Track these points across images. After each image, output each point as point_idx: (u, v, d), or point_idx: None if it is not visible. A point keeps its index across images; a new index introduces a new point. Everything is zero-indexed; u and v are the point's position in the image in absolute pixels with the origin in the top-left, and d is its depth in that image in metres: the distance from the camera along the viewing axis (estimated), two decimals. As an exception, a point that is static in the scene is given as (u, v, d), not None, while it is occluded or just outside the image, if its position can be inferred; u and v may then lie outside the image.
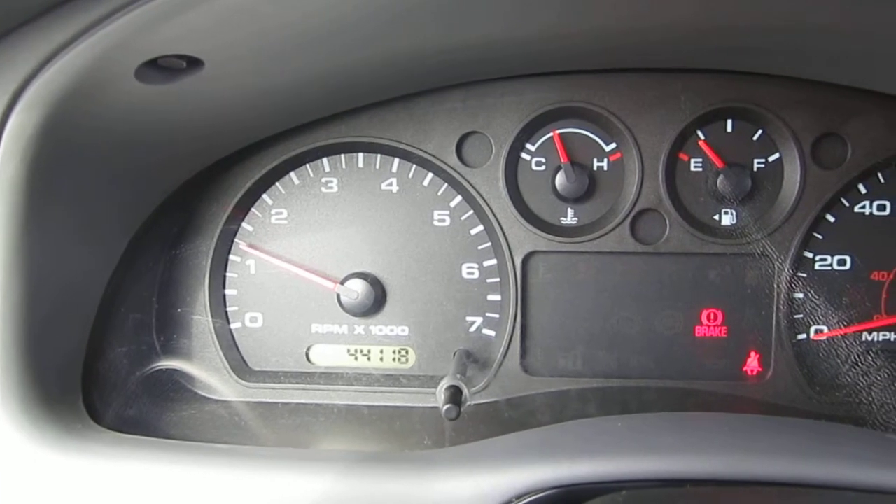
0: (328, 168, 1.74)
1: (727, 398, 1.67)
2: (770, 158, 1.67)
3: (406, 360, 1.75)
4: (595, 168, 1.70)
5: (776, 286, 1.68)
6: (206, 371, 1.73)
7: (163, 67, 1.18)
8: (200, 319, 1.74)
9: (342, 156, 1.73)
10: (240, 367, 1.75)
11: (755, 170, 1.67)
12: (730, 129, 1.68)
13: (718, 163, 1.66)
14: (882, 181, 1.67)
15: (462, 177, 1.68)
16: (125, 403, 1.58)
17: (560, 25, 1.38)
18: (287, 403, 1.69)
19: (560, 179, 1.68)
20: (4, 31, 1.09)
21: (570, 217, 1.71)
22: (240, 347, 1.77)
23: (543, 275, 1.71)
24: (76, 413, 1.38)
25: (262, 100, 1.47)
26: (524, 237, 1.69)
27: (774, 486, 1.07)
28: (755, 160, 1.68)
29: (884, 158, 1.64)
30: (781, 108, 1.64)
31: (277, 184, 1.75)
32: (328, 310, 1.74)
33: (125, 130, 1.30)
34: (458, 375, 1.49)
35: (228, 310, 1.77)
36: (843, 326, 1.68)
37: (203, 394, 1.73)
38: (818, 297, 1.67)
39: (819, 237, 1.68)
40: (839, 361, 1.66)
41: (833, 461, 1.09)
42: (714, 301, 1.70)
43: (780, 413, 1.63)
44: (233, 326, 1.77)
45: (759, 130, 1.67)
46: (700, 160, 1.68)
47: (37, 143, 1.16)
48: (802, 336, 1.70)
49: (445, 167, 1.68)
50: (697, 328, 1.71)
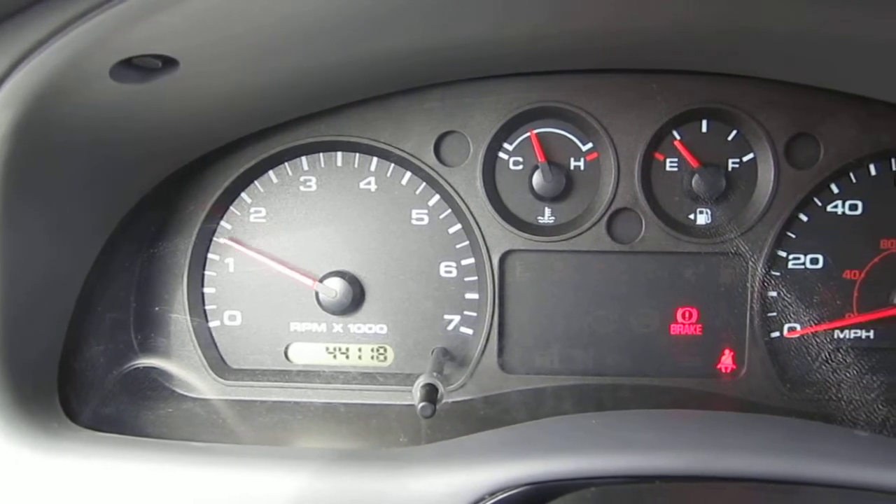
0: (307, 167, 1.74)
1: (702, 395, 1.69)
2: (744, 158, 1.70)
3: (384, 359, 1.76)
4: (572, 168, 1.71)
5: (750, 285, 1.70)
6: (185, 369, 1.73)
7: (138, 67, 1.18)
8: (179, 318, 1.74)
9: (321, 155, 1.74)
10: (218, 366, 1.75)
11: (730, 170, 1.69)
12: (705, 130, 1.70)
13: (693, 163, 1.68)
14: (854, 181, 1.70)
15: (440, 176, 1.69)
16: (102, 402, 1.58)
17: (538, 27, 1.39)
18: (265, 401, 1.69)
19: (537, 179, 1.69)
20: (-23, 31, 1.09)
21: (548, 216, 1.73)
22: (218, 345, 1.77)
23: (521, 273, 1.73)
24: (52, 412, 1.38)
25: (240, 99, 1.47)
26: (502, 236, 1.70)
27: (742, 482, 1.10)
28: (730, 160, 1.70)
29: (855, 159, 1.66)
30: (755, 109, 1.66)
31: (256, 182, 1.75)
32: (307, 308, 1.75)
33: (101, 129, 1.30)
34: (435, 373, 1.50)
35: (207, 308, 1.77)
36: (816, 324, 1.70)
37: (181, 392, 1.73)
38: (791, 296, 1.69)
39: (792, 236, 1.71)
40: (811, 359, 1.69)
41: (799, 457, 1.11)
42: (689, 299, 1.72)
43: (754, 410, 1.66)
44: (211, 325, 1.77)
45: (734, 131, 1.69)
46: (675, 160, 1.70)
47: (11, 142, 1.15)
48: (776, 334, 1.72)
49: (423, 166, 1.69)
50: (673, 326, 1.73)
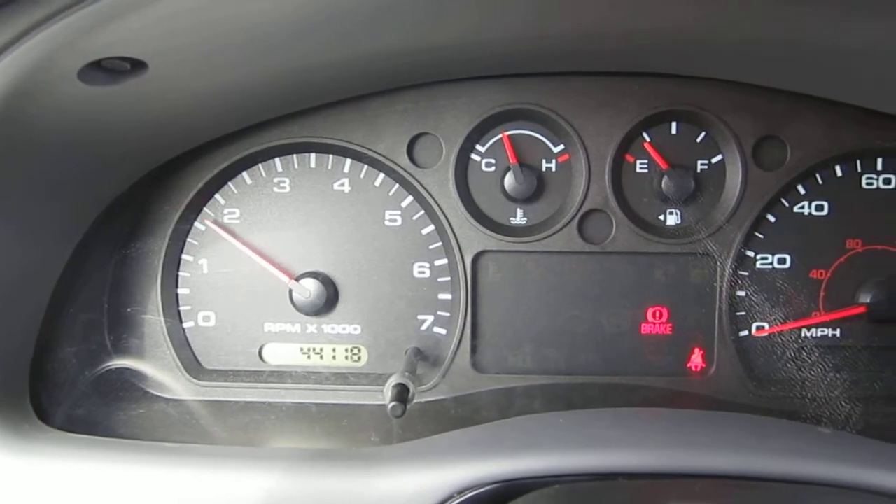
0: (280, 168, 1.75)
1: (670, 393, 1.71)
2: (713, 160, 1.72)
3: (358, 359, 1.77)
4: (544, 169, 1.73)
5: (719, 284, 1.72)
6: (159, 370, 1.73)
7: (107, 69, 1.19)
8: (152, 318, 1.74)
9: (294, 156, 1.75)
10: (192, 366, 1.75)
11: (699, 171, 1.72)
12: (674, 132, 1.72)
13: (663, 164, 1.70)
14: (820, 182, 1.72)
15: (413, 177, 1.71)
16: (75, 403, 1.59)
17: (510, 31, 1.41)
18: (238, 402, 1.70)
19: (509, 180, 1.71)
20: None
21: (520, 217, 1.75)
22: (192, 346, 1.78)
23: (493, 274, 1.74)
24: (23, 414, 1.39)
25: (211, 101, 1.48)
26: (474, 237, 1.72)
27: (706, 479, 1.12)
28: (699, 162, 1.72)
29: (821, 160, 1.69)
30: (724, 112, 1.68)
31: (230, 183, 1.75)
32: (281, 309, 1.75)
33: (70, 130, 1.30)
34: (407, 373, 1.51)
35: (181, 309, 1.77)
36: (783, 323, 1.73)
37: (155, 393, 1.73)
38: (759, 295, 1.72)
39: (760, 237, 1.73)
40: (777, 357, 1.72)
41: (760, 454, 1.13)
42: (659, 299, 1.75)
43: (722, 408, 1.68)
44: (185, 325, 1.77)
45: (703, 133, 1.72)
46: (645, 162, 1.72)
47: (-22, 145, 1.16)
48: (744, 333, 1.75)
49: (397, 168, 1.71)
50: (643, 326, 1.75)
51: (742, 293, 1.73)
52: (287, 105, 1.67)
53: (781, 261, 1.74)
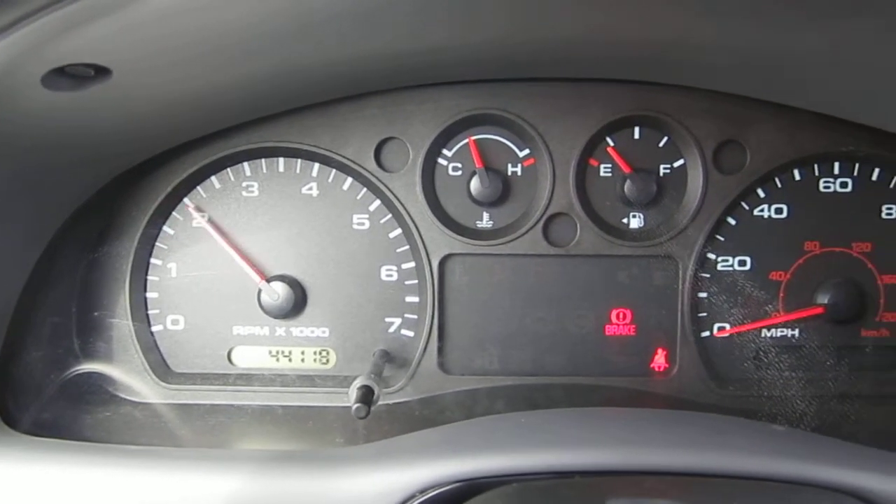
0: (249, 172, 1.76)
1: (634, 393, 1.74)
2: (675, 164, 1.75)
3: (327, 361, 1.79)
4: (509, 173, 1.76)
5: (681, 286, 1.75)
6: (127, 374, 1.74)
7: (71, 75, 1.19)
8: (121, 322, 1.74)
9: (263, 160, 1.76)
10: (160, 369, 1.76)
11: (661, 175, 1.75)
12: (637, 137, 1.75)
13: (626, 168, 1.73)
14: (779, 186, 1.76)
15: (380, 182, 1.73)
16: (42, 407, 1.59)
17: (478, 39, 1.43)
18: (206, 405, 1.71)
19: (475, 184, 1.73)
20: None
21: (486, 220, 1.77)
22: (161, 350, 1.78)
23: (460, 276, 1.77)
24: (-11, 418, 1.39)
25: (178, 107, 1.49)
26: (441, 240, 1.74)
27: (662, 476, 1.15)
28: (661, 166, 1.75)
29: (780, 164, 1.73)
30: (685, 117, 1.72)
31: (198, 187, 1.76)
32: (249, 312, 1.77)
33: (34, 136, 1.31)
34: (373, 375, 1.53)
35: (150, 312, 1.78)
36: (744, 324, 1.77)
37: (124, 396, 1.73)
38: (720, 296, 1.76)
39: (721, 239, 1.77)
40: (737, 357, 1.76)
41: (713, 450, 1.16)
42: (623, 301, 1.78)
43: (684, 407, 1.71)
44: (154, 329, 1.78)
45: (665, 138, 1.75)
46: (609, 166, 1.76)
47: (-59, 150, 1.16)
48: (706, 333, 1.78)
49: (364, 172, 1.72)
50: (608, 327, 1.78)
51: (704, 294, 1.77)
52: (255, 110, 1.68)
53: (742, 263, 1.78)
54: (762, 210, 1.77)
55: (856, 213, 1.76)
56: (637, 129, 1.75)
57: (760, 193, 1.76)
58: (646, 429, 1.27)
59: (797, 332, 1.77)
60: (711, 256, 1.77)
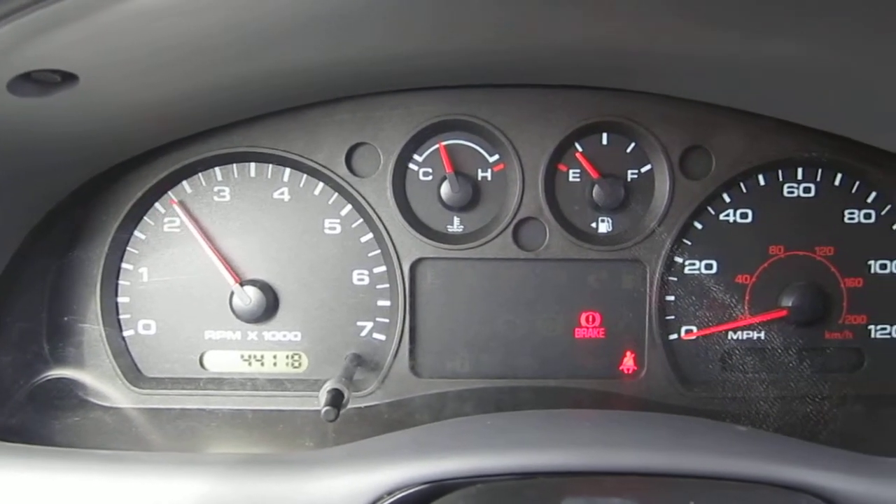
0: (220, 177, 1.77)
1: (603, 395, 1.76)
2: (642, 169, 1.78)
3: (299, 365, 1.80)
4: (479, 178, 1.78)
5: (649, 289, 1.78)
6: (98, 379, 1.73)
7: (37, 81, 1.20)
8: (92, 327, 1.74)
9: (234, 165, 1.77)
10: (131, 374, 1.76)
11: (629, 180, 1.78)
12: (605, 143, 1.78)
13: (594, 174, 1.76)
14: (744, 191, 1.79)
15: (352, 186, 1.74)
16: (11, 413, 1.58)
17: (436, 46, 1.45)
18: (176, 409, 1.71)
19: (445, 189, 1.75)
20: None
21: (457, 225, 1.79)
22: (133, 354, 1.78)
23: (431, 280, 1.78)
24: (-44, 424, 1.38)
25: (147, 113, 1.49)
26: (412, 244, 1.75)
27: (625, 476, 1.17)
28: (629, 171, 1.78)
29: (745, 170, 1.76)
30: (652, 123, 1.74)
31: (170, 192, 1.77)
32: (221, 316, 1.77)
33: (1, 142, 1.31)
34: (344, 379, 1.54)
35: (121, 317, 1.78)
36: (710, 326, 1.80)
37: (94, 401, 1.73)
38: (687, 299, 1.78)
39: (688, 243, 1.79)
40: (703, 359, 1.78)
41: (675, 451, 1.18)
42: (592, 304, 1.80)
43: (651, 409, 1.74)
44: (125, 334, 1.78)
45: (632, 143, 1.78)
46: (578, 171, 1.78)
47: None
48: (674, 336, 1.81)
49: (335, 177, 1.74)
50: (577, 330, 1.80)
51: (671, 298, 1.80)
52: (226, 116, 1.69)
53: (708, 266, 1.80)
54: (728, 214, 1.80)
55: (819, 218, 1.79)
56: (605, 135, 1.78)
57: (726, 198, 1.79)
58: (610, 430, 1.29)
59: (762, 335, 1.80)
60: (678, 260, 1.79)
